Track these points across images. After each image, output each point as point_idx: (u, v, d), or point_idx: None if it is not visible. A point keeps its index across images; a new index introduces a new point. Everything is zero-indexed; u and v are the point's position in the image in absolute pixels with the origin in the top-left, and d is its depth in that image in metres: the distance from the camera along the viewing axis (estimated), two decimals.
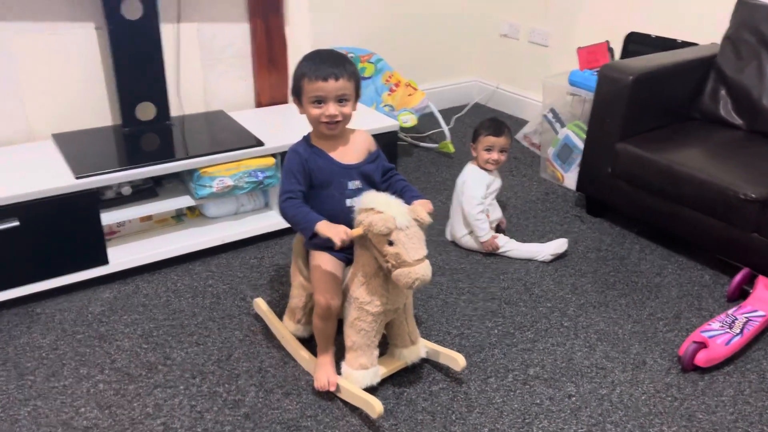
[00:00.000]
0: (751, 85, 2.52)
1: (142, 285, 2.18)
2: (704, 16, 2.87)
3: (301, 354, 1.83)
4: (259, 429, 1.63)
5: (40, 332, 1.93)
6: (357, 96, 1.70)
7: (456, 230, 2.45)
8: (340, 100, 1.64)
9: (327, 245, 1.59)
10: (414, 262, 1.50)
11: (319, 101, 1.63)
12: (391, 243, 1.51)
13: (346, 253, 1.69)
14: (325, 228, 1.54)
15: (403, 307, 1.72)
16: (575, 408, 1.72)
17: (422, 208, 1.59)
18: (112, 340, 1.92)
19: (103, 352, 1.87)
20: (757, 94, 2.50)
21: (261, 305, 2.00)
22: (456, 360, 1.77)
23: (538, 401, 1.74)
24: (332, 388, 1.69)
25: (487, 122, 2.45)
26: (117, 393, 1.73)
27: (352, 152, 1.73)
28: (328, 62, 1.63)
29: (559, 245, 2.39)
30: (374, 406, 1.60)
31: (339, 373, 1.73)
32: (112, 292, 2.13)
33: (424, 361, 1.84)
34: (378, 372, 1.71)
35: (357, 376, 1.68)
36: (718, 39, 2.66)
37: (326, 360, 1.74)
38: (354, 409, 1.69)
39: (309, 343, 1.86)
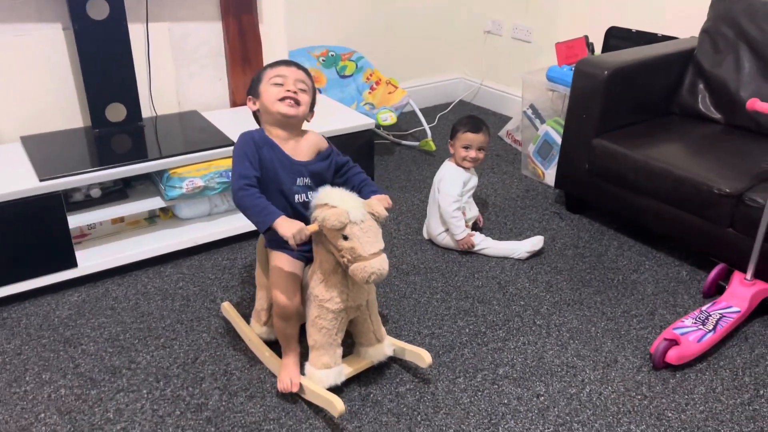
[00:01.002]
0: (728, 78, 2.49)
1: (112, 288, 2.15)
2: (685, 10, 2.84)
3: (267, 356, 1.81)
4: None
5: (4, 337, 1.91)
6: (312, 102, 1.77)
7: (432, 228, 2.42)
8: (299, 88, 1.70)
9: (285, 245, 1.57)
10: (370, 256, 1.49)
11: (280, 83, 1.68)
12: (345, 237, 1.49)
13: (304, 251, 1.67)
14: (281, 224, 1.50)
15: (366, 305, 1.69)
16: (543, 408, 1.70)
17: (379, 202, 1.58)
18: (77, 344, 1.90)
19: (67, 356, 1.85)
20: (734, 87, 2.47)
21: (228, 309, 1.98)
22: (422, 356, 1.74)
23: (506, 401, 1.72)
24: (295, 389, 1.67)
25: (465, 119, 2.42)
26: (78, 398, 1.70)
27: (303, 150, 1.73)
28: (285, 60, 1.75)
29: (535, 243, 2.36)
30: (336, 405, 1.57)
31: (303, 373, 1.70)
32: (81, 296, 2.11)
33: (392, 360, 1.82)
34: (342, 371, 1.69)
35: (320, 376, 1.65)
36: (698, 32, 2.64)
37: (289, 361, 1.71)
38: (318, 411, 1.67)
39: (276, 345, 1.84)
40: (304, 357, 1.73)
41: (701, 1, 2.66)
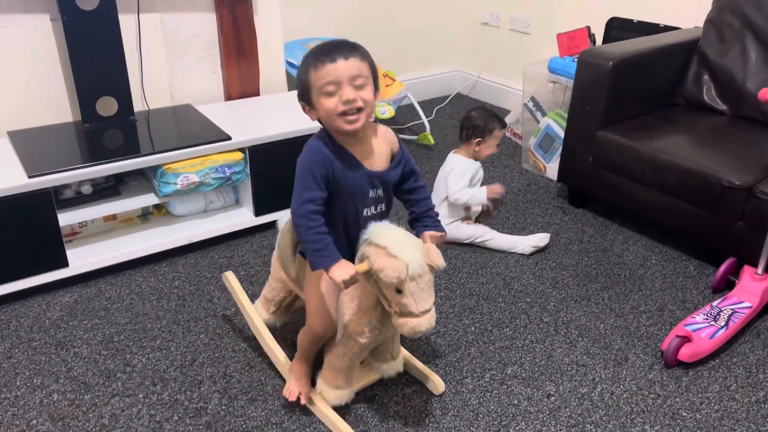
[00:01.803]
0: (734, 69, 2.44)
1: (105, 287, 2.08)
2: (687, 0, 2.79)
3: (269, 344, 1.72)
4: None
5: None
6: (376, 85, 1.41)
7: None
8: (356, 84, 1.35)
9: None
10: (420, 313, 1.33)
11: (332, 91, 1.34)
12: (399, 291, 1.32)
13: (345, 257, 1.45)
14: (336, 272, 1.34)
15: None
16: (554, 408, 1.65)
17: (436, 249, 1.38)
18: (69, 347, 1.83)
19: (59, 360, 1.78)
20: (740, 78, 2.42)
21: (231, 280, 1.87)
22: (435, 384, 1.68)
23: (515, 402, 1.66)
24: (304, 401, 1.60)
25: (492, 115, 2.34)
26: (72, 404, 1.63)
27: (377, 156, 1.46)
28: (332, 46, 1.37)
29: (540, 239, 2.31)
30: None
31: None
32: (73, 296, 2.04)
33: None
34: (352, 393, 1.60)
35: (330, 396, 1.57)
36: (701, 22, 2.59)
37: (302, 371, 1.62)
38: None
39: (276, 333, 1.79)
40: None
41: None
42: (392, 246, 1.33)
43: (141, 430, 1.56)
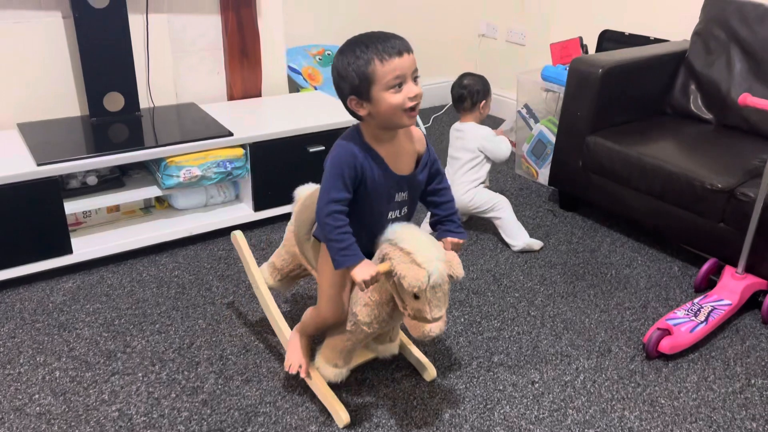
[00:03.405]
0: (720, 79, 2.53)
1: (107, 275, 2.15)
2: (677, 14, 2.89)
3: (271, 309, 1.77)
4: (217, 415, 1.60)
5: None
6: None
7: (462, 192, 2.39)
8: (415, 78, 1.37)
9: None
10: (433, 319, 1.38)
11: (399, 84, 1.34)
12: (416, 297, 1.36)
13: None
14: (358, 272, 1.36)
15: None
16: (538, 394, 1.71)
17: (458, 259, 1.43)
18: (71, 328, 1.89)
19: (61, 340, 1.84)
20: (725, 88, 2.51)
21: (239, 240, 1.86)
22: (428, 370, 1.74)
23: (500, 387, 1.73)
24: (303, 375, 1.65)
25: (479, 77, 2.53)
26: (73, 380, 1.70)
27: (404, 158, 1.45)
28: (389, 38, 1.36)
29: (535, 242, 2.40)
30: (341, 416, 1.57)
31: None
32: (76, 282, 2.10)
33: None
34: (348, 372, 1.64)
35: (327, 372, 1.62)
36: (690, 36, 2.68)
37: (303, 344, 1.66)
38: (314, 395, 1.66)
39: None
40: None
41: (693, 6, 2.70)
42: (417, 253, 1.33)
43: (140, 406, 1.62)
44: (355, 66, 1.33)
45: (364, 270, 1.35)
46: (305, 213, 1.64)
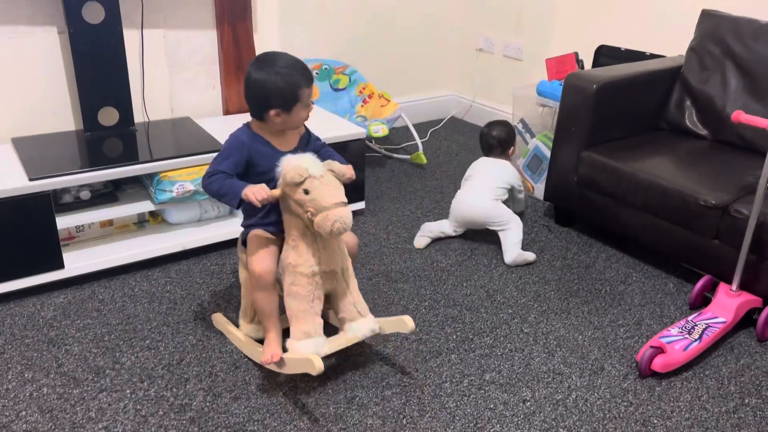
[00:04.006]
0: (715, 95, 2.53)
1: (99, 290, 2.14)
2: (673, 29, 2.89)
3: (259, 352, 1.78)
4: None
5: None
6: None
7: (482, 208, 2.49)
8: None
9: (259, 223, 1.70)
10: (332, 206, 1.55)
11: (308, 104, 1.73)
12: (306, 192, 1.57)
13: (279, 226, 1.72)
14: (247, 190, 1.59)
15: (342, 273, 1.70)
16: (529, 413, 1.69)
17: (339, 164, 1.67)
18: (61, 344, 1.88)
19: (50, 356, 1.83)
20: (720, 104, 2.50)
21: (219, 320, 1.98)
22: (404, 322, 1.74)
23: (491, 406, 1.71)
24: (275, 359, 1.67)
25: (505, 125, 2.70)
26: (60, 397, 1.68)
27: (288, 139, 1.79)
28: (304, 69, 1.72)
29: (530, 254, 2.41)
30: (314, 363, 1.57)
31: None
32: (67, 297, 2.09)
33: (378, 362, 1.81)
34: (324, 343, 1.67)
35: (300, 346, 1.64)
36: (685, 52, 2.68)
37: (271, 337, 1.73)
38: (303, 413, 1.65)
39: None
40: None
41: (689, 22, 2.71)
42: (291, 159, 1.60)
43: (127, 424, 1.61)
44: (287, 87, 1.66)
45: (255, 188, 1.60)
46: (238, 241, 1.86)
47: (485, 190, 2.51)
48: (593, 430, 1.64)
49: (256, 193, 1.58)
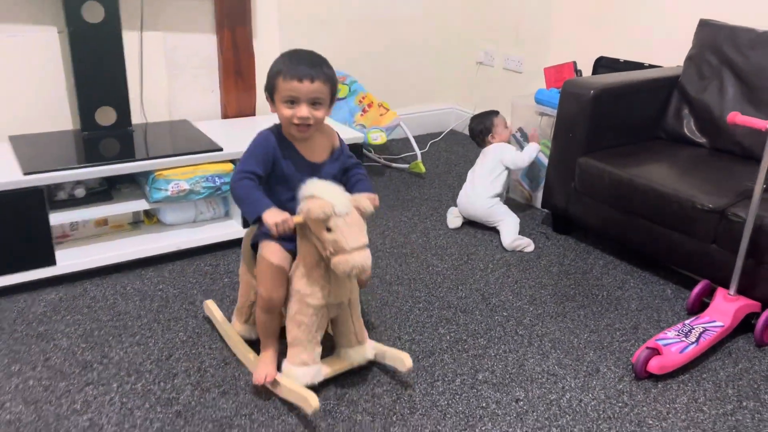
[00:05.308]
0: (713, 103, 2.52)
1: (91, 288, 2.13)
2: (671, 41, 2.90)
3: (248, 357, 1.77)
4: (190, 427, 1.56)
5: None
6: (332, 101, 1.64)
7: (481, 202, 2.65)
8: (314, 102, 1.58)
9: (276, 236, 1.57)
10: (352, 249, 1.46)
11: (292, 101, 1.57)
12: (329, 230, 1.47)
13: (293, 246, 1.64)
14: (268, 215, 1.49)
15: (348, 303, 1.67)
16: (522, 412, 1.66)
17: (365, 199, 1.56)
18: (50, 339, 1.86)
19: (38, 350, 1.81)
20: (718, 112, 2.50)
21: (211, 307, 1.96)
22: (402, 360, 1.71)
23: (483, 404, 1.68)
24: (269, 380, 1.63)
25: (479, 117, 2.86)
26: (46, 389, 1.66)
27: (318, 149, 1.67)
28: (305, 62, 1.58)
29: (528, 242, 2.53)
30: (310, 402, 1.53)
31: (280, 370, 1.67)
32: (58, 294, 2.08)
33: (370, 362, 1.78)
34: (320, 371, 1.65)
35: (297, 373, 1.62)
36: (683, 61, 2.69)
37: (267, 355, 1.68)
38: (291, 408, 1.63)
39: (256, 344, 1.80)
40: (282, 355, 1.69)
41: (687, 33, 2.71)
42: (317, 191, 1.50)
43: (111, 416, 1.58)
44: (271, 71, 1.61)
45: (274, 213, 1.49)
46: (245, 240, 1.79)
47: (485, 183, 2.66)
48: (587, 429, 1.61)
49: (278, 225, 1.47)
